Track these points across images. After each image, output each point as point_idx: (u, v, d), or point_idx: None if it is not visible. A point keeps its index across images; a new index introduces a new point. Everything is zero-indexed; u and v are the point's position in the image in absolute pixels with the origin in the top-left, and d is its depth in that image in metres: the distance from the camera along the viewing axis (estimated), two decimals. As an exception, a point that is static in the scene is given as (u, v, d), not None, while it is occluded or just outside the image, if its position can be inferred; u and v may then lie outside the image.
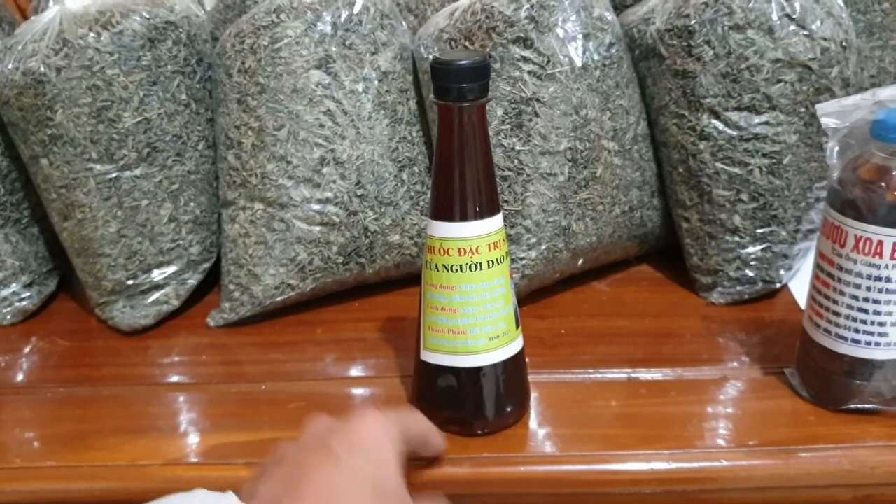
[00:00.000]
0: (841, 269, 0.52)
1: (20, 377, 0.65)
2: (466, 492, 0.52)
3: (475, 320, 0.51)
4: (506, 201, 0.66)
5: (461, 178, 0.50)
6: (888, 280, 0.50)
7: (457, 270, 0.50)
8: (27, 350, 0.68)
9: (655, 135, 0.71)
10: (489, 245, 0.50)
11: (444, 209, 0.51)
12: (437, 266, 0.51)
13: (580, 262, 0.70)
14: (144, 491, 0.52)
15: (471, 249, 0.50)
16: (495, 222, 0.51)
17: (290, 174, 0.66)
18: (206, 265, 0.72)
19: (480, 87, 0.48)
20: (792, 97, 0.64)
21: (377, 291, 0.73)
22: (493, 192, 0.51)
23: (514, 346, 0.54)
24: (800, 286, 0.69)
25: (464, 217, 0.50)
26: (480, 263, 0.50)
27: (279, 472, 0.41)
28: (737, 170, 0.66)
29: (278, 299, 0.68)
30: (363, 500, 0.39)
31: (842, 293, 0.52)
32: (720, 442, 0.53)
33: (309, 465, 0.40)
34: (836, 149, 0.52)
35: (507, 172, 0.66)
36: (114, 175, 0.66)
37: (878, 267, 0.50)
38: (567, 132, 0.65)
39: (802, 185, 0.66)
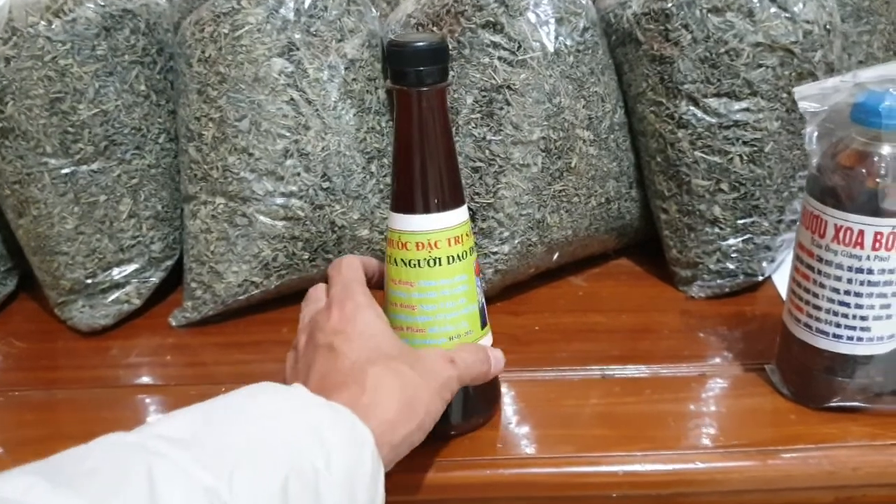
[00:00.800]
0: (821, 260, 0.49)
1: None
2: (432, 497, 0.50)
3: (434, 318, 0.49)
4: (477, 194, 0.63)
5: (421, 168, 0.47)
6: (870, 272, 0.48)
7: (415, 266, 0.48)
8: (-16, 351, 0.66)
9: (633, 123, 0.68)
10: (449, 240, 0.48)
11: (402, 201, 0.48)
12: (396, 260, 0.49)
13: (555, 256, 0.68)
14: None
15: (429, 244, 0.48)
16: (457, 216, 0.48)
17: (252, 167, 0.64)
18: (169, 262, 0.70)
19: (439, 70, 0.46)
20: (773, 82, 0.62)
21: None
22: (456, 184, 0.49)
23: (483, 341, 0.51)
24: (783, 279, 0.67)
25: (425, 209, 0.47)
26: (440, 259, 0.48)
27: (312, 357, 0.45)
28: (716, 158, 0.63)
29: (242, 297, 0.66)
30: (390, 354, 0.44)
31: (822, 286, 0.49)
32: (696, 443, 0.51)
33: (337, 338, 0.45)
34: (815, 134, 0.50)
35: (477, 163, 0.63)
36: (70, 170, 0.64)
37: (860, 258, 0.48)
38: (540, 121, 0.63)
39: (785, 174, 0.64)
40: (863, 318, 0.49)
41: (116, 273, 0.67)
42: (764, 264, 0.66)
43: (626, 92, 0.68)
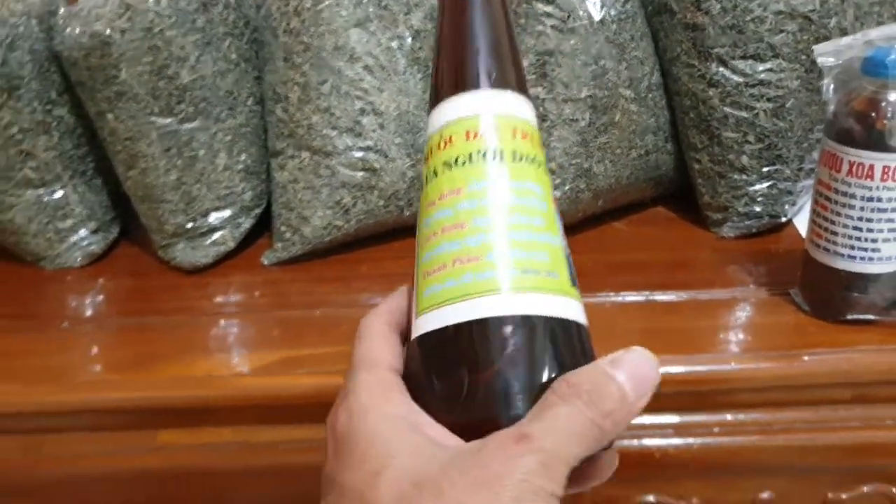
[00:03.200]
0: (837, 192, 0.58)
1: (93, 311, 0.72)
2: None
3: (494, 233, 0.33)
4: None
5: (470, 36, 0.36)
6: (879, 200, 0.56)
7: (464, 162, 0.34)
8: (98, 288, 0.75)
9: (668, 84, 0.77)
10: (514, 130, 0.35)
11: (448, 80, 0.36)
12: (435, 170, 0.35)
13: (600, 202, 0.76)
14: (219, 398, 0.60)
15: (482, 131, 0.34)
16: (522, 104, 0.36)
17: (333, 125, 0.73)
18: (258, 210, 0.79)
19: None
20: (793, 46, 0.70)
21: (414, 233, 0.79)
22: (518, 65, 0.37)
23: (568, 305, 0.33)
24: (803, 221, 0.75)
25: (476, 83, 0.35)
26: (501, 151, 0.34)
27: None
28: (744, 114, 0.72)
29: (325, 239, 0.75)
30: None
31: (838, 214, 0.58)
32: (730, 349, 0.59)
33: None
34: (832, 85, 0.58)
35: (533, 119, 0.72)
36: (174, 128, 0.73)
37: (871, 188, 0.56)
38: (587, 81, 0.71)
39: (804, 127, 0.72)
40: (874, 241, 0.57)
41: (213, 218, 0.76)
42: (786, 207, 0.74)
43: (661, 56, 0.76)
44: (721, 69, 0.71)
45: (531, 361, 0.31)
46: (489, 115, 0.35)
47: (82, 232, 0.79)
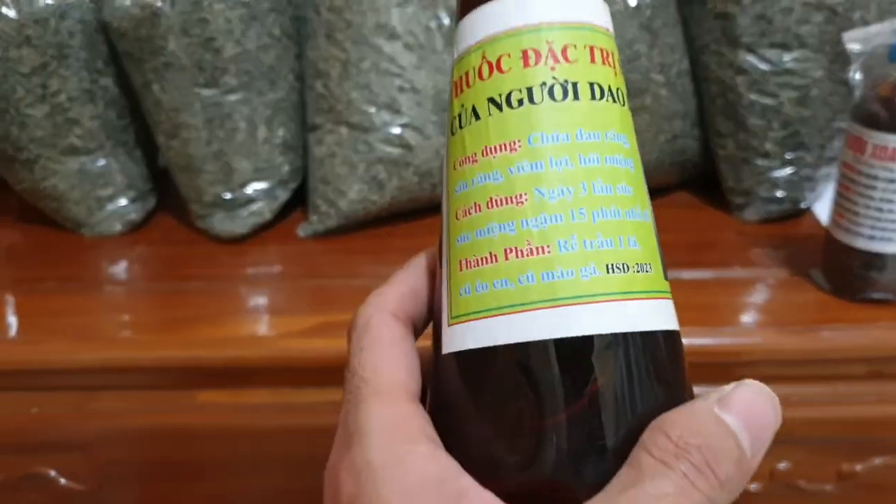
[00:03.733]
0: (860, 173, 0.60)
1: (132, 276, 0.75)
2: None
3: (566, 215, 0.23)
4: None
5: None
6: (901, 182, 0.59)
7: (520, 101, 0.24)
8: (137, 254, 0.78)
9: (696, 71, 0.79)
10: (592, 49, 0.24)
11: None
12: (476, 110, 0.24)
13: (627, 184, 0.78)
14: (256, 359, 0.62)
15: (548, 51, 0.24)
16: (597, 7, 0.25)
17: (372, 101, 0.75)
18: (294, 184, 0.81)
19: None
20: (819, 37, 0.72)
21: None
22: None
23: (665, 311, 0.25)
24: (823, 208, 0.78)
25: None
26: (575, 86, 0.24)
27: None
28: (769, 101, 0.74)
29: (360, 213, 0.77)
30: None
31: (860, 195, 0.60)
32: (753, 323, 0.62)
33: None
34: (859, 71, 0.61)
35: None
36: (217, 100, 0.75)
37: (893, 170, 0.59)
38: (621, 64, 0.73)
39: (826, 116, 0.75)
40: (893, 221, 0.60)
41: (251, 190, 0.78)
42: (807, 193, 0.77)
43: (691, 44, 0.79)
44: (749, 57, 0.74)
45: (625, 399, 0.23)
46: (558, 25, 0.24)
47: (122, 200, 0.81)
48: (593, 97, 0.24)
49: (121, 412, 0.65)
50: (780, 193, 0.76)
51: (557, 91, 0.24)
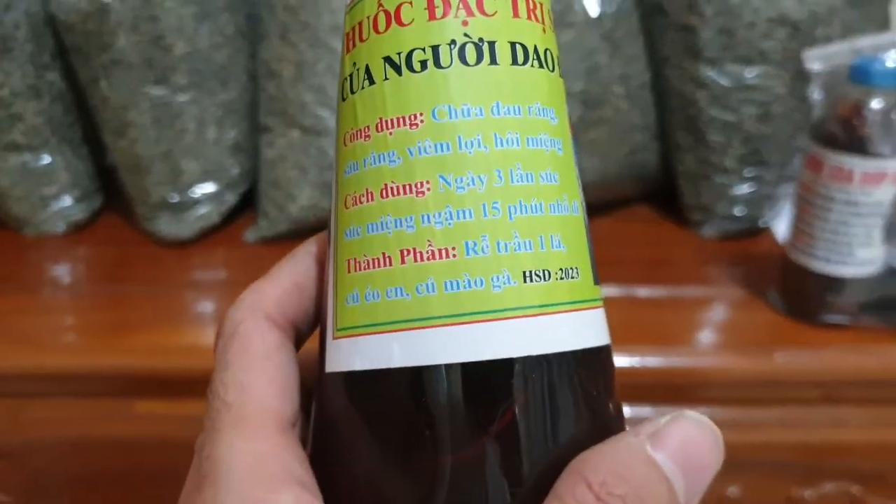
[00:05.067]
0: (817, 195, 0.59)
1: (73, 278, 0.73)
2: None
3: (475, 208, 0.19)
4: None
5: None
6: (856, 204, 0.58)
7: (423, 64, 0.20)
8: (80, 255, 0.75)
9: (657, 84, 0.78)
10: (516, 2, 0.20)
11: None
12: (370, 71, 0.20)
13: (585, 197, 0.77)
14: (195, 369, 0.60)
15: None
16: None
17: (326, 104, 0.73)
18: (244, 188, 0.79)
19: None
20: (782, 52, 0.71)
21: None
22: None
23: (593, 323, 0.21)
24: (782, 226, 0.77)
25: None
26: (492, 45, 0.20)
27: None
28: (730, 117, 0.73)
29: (311, 218, 0.75)
30: None
31: (816, 216, 0.59)
32: (706, 343, 0.61)
33: None
34: (819, 90, 0.59)
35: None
36: (166, 99, 0.73)
37: (849, 193, 0.57)
38: (580, 75, 0.72)
39: (788, 134, 0.74)
40: (849, 244, 0.59)
41: (198, 192, 0.76)
42: (767, 211, 0.76)
43: (653, 56, 0.77)
44: (710, 72, 0.72)
45: (543, 434, 0.19)
46: None
47: (66, 199, 0.79)
48: (515, 61, 0.20)
49: (54, 420, 0.62)
50: (738, 211, 0.75)
51: (470, 52, 0.19)
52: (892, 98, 0.56)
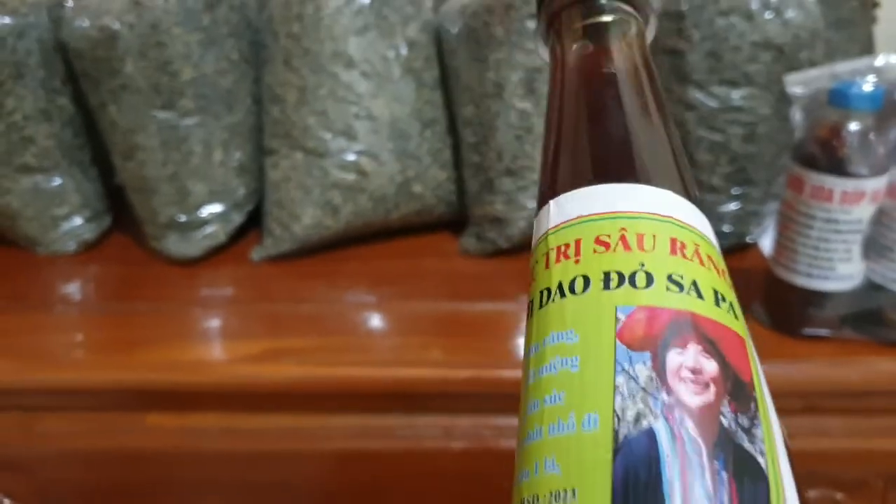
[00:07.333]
0: (799, 213, 0.62)
1: (84, 296, 0.75)
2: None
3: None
4: (516, 157, 0.76)
5: (625, 117, 0.24)
6: (836, 222, 0.60)
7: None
8: (90, 274, 0.78)
9: (648, 105, 0.80)
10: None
11: (605, 163, 0.23)
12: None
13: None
14: (205, 384, 0.63)
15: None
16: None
17: (328, 127, 0.76)
18: (249, 207, 0.82)
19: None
20: (766, 75, 0.74)
21: (399, 235, 0.83)
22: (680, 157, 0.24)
23: None
24: (768, 243, 0.79)
25: (639, 175, 0.22)
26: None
27: None
28: (717, 137, 0.76)
29: (314, 237, 0.78)
30: None
31: (798, 233, 0.62)
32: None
33: None
34: (800, 113, 0.62)
35: (519, 132, 0.76)
36: (173, 122, 0.75)
37: (829, 211, 0.60)
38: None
39: (773, 153, 0.76)
40: (829, 260, 0.61)
41: (205, 213, 0.79)
42: (753, 227, 0.78)
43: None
44: (698, 94, 0.75)
45: None
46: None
47: (76, 220, 0.81)
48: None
49: (67, 434, 0.65)
50: (726, 228, 0.78)
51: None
52: (869, 120, 0.59)
